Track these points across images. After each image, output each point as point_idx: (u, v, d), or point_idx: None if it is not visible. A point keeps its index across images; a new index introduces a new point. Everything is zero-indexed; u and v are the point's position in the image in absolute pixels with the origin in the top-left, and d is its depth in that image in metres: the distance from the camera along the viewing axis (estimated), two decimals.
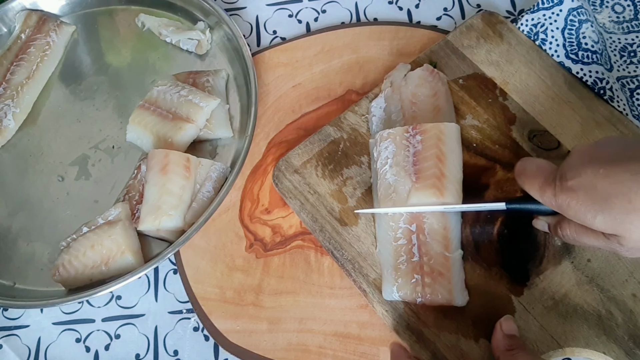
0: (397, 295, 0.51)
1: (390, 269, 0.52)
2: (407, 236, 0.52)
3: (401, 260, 0.52)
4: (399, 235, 0.53)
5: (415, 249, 0.51)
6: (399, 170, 0.53)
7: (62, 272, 0.56)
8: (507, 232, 0.53)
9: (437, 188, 0.51)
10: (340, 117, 0.60)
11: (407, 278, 0.51)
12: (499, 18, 0.63)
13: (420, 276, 0.50)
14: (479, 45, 0.62)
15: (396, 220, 0.53)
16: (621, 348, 0.48)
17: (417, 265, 0.51)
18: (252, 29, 0.72)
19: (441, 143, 0.53)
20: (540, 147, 0.57)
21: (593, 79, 0.59)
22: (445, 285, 0.50)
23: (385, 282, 0.52)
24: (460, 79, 0.61)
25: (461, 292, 0.50)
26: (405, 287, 0.50)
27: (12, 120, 0.66)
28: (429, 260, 0.51)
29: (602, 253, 0.51)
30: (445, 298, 0.50)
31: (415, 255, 0.51)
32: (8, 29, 0.72)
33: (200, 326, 0.56)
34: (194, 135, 0.61)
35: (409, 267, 0.51)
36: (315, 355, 0.53)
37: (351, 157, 0.58)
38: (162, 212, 0.55)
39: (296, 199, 0.57)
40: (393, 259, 0.52)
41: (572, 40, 0.61)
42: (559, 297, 0.50)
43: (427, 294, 0.50)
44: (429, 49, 0.63)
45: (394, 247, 0.52)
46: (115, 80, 0.69)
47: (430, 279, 0.50)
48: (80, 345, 0.57)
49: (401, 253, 0.52)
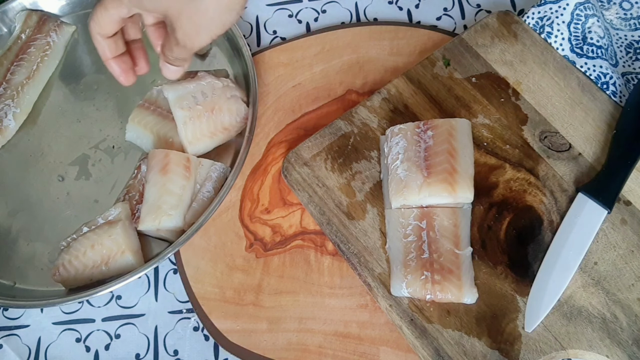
0: (405, 291, 0.50)
1: (400, 265, 0.51)
2: (417, 233, 0.52)
3: (411, 257, 0.51)
4: (408, 231, 0.52)
5: (425, 246, 0.51)
6: (410, 165, 0.53)
7: (62, 272, 0.56)
8: (515, 231, 0.53)
9: (449, 183, 0.51)
10: (352, 112, 0.60)
11: (416, 275, 0.50)
12: (514, 18, 0.63)
13: (429, 273, 0.50)
14: (493, 44, 0.62)
15: (406, 217, 0.53)
16: (625, 352, 0.48)
17: (426, 262, 0.51)
18: (252, 29, 0.72)
19: (452, 138, 0.53)
20: (551, 149, 0.57)
21: (597, 74, 0.59)
22: (455, 283, 0.50)
23: (394, 278, 0.51)
24: (473, 77, 0.61)
25: (470, 290, 0.50)
26: (415, 283, 0.50)
27: (13, 120, 0.66)
28: (439, 257, 0.51)
29: (609, 257, 0.52)
30: (455, 296, 0.50)
31: (425, 252, 0.51)
32: (8, 29, 0.72)
33: (200, 326, 0.56)
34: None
35: (418, 264, 0.51)
36: (315, 355, 0.53)
37: (361, 151, 0.58)
38: (162, 212, 0.55)
39: (304, 192, 0.57)
40: (402, 255, 0.52)
41: (577, 34, 0.61)
42: (564, 298, 0.50)
43: (436, 291, 0.50)
44: (443, 46, 0.63)
45: (403, 243, 0.52)
46: (115, 80, 0.67)
47: (440, 276, 0.50)
48: (80, 345, 0.57)
49: (411, 249, 0.52)
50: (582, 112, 0.58)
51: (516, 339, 0.49)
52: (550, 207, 0.54)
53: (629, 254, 0.51)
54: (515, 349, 0.49)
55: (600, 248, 0.52)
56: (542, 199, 0.55)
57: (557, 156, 0.56)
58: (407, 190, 0.52)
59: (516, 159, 0.56)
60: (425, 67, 0.62)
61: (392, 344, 0.53)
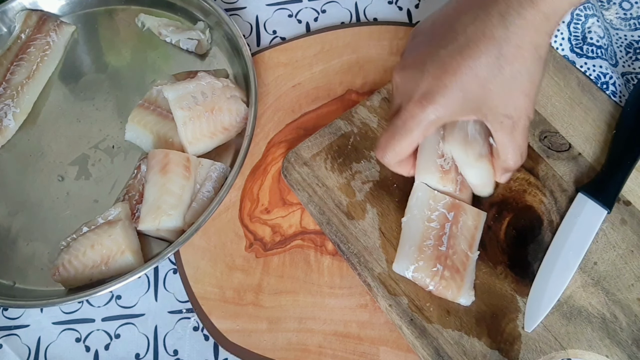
0: (411, 273, 0.50)
1: (415, 247, 0.51)
2: (442, 222, 0.52)
3: (428, 243, 0.51)
4: (433, 217, 0.52)
5: (445, 239, 0.51)
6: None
7: (62, 271, 0.56)
8: (515, 231, 0.53)
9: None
10: (352, 111, 0.60)
11: (429, 264, 0.50)
12: None
13: (442, 267, 0.50)
14: None
15: (437, 201, 0.52)
16: (624, 352, 0.48)
17: (442, 256, 0.50)
18: (252, 29, 0.72)
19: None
20: (551, 149, 0.57)
21: (597, 74, 0.60)
22: (458, 283, 0.50)
23: (403, 255, 0.51)
24: None
25: (468, 292, 0.50)
26: (424, 271, 0.50)
27: (12, 120, 0.65)
28: (453, 254, 0.51)
29: (609, 257, 0.52)
30: (453, 294, 0.50)
31: (443, 245, 0.51)
32: (8, 29, 0.71)
33: (200, 326, 0.56)
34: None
35: (434, 254, 0.50)
36: (315, 354, 0.53)
37: (361, 151, 0.58)
38: (162, 211, 0.55)
39: (304, 191, 0.57)
40: (420, 237, 0.51)
41: (577, 34, 0.61)
42: (564, 298, 0.50)
43: (440, 285, 0.50)
44: None
45: (425, 226, 0.52)
46: (115, 80, 0.69)
47: (449, 273, 0.50)
48: (80, 344, 0.57)
49: (430, 236, 0.51)
50: (582, 112, 0.58)
51: (516, 339, 0.49)
52: (550, 207, 0.54)
53: (629, 254, 0.51)
54: (515, 349, 0.49)
55: (600, 248, 0.52)
56: (542, 199, 0.55)
57: (556, 156, 0.56)
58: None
59: None
60: None
61: (392, 344, 0.53)
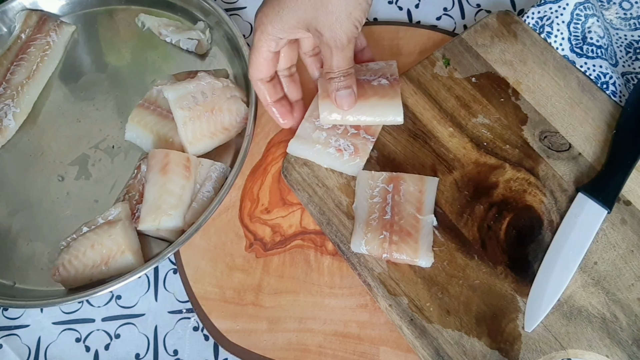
0: (364, 248, 0.53)
1: (362, 223, 0.53)
2: (383, 195, 0.54)
3: (373, 216, 0.53)
4: (375, 193, 0.55)
5: (389, 208, 0.54)
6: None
7: (62, 271, 0.56)
8: (514, 231, 0.53)
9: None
10: None
11: (375, 234, 0.52)
12: (514, 18, 0.63)
13: (388, 233, 0.52)
14: (493, 44, 0.62)
15: (375, 179, 0.55)
16: (624, 352, 0.48)
17: (387, 223, 0.53)
18: (252, 28, 0.71)
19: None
20: (551, 148, 0.57)
21: (597, 74, 0.60)
22: (412, 245, 0.52)
23: (355, 234, 0.53)
24: (473, 77, 0.61)
25: (426, 254, 0.52)
26: (373, 241, 0.52)
27: (13, 120, 0.66)
28: (400, 219, 0.53)
29: (609, 256, 0.51)
30: (410, 257, 0.52)
31: (387, 214, 0.53)
32: (8, 29, 0.72)
33: (200, 326, 0.56)
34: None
35: (379, 224, 0.53)
36: (315, 354, 0.53)
37: None
38: (162, 211, 0.55)
39: (304, 191, 0.57)
40: (366, 214, 0.54)
41: (577, 34, 0.61)
42: (564, 298, 0.50)
43: (392, 251, 0.52)
44: (443, 46, 0.63)
45: (369, 204, 0.54)
46: (115, 80, 0.69)
47: (398, 237, 0.52)
48: (80, 344, 0.57)
49: (374, 210, 0.54)
50: (582, 112, 0.58)
51: (516, 338, 0.49)
52: (550, 207, 0.54)
53: (629, 254, 0.51)
54: (515, 348, 0.49)
55: (600, 248, 0.52)
56: (542, 199, 0.55)
57: (557, 156, 0.56)
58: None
59: (516, 159, 0.56)
60: (425, 66, 0.62)
61: (392, 344, 0.53)
